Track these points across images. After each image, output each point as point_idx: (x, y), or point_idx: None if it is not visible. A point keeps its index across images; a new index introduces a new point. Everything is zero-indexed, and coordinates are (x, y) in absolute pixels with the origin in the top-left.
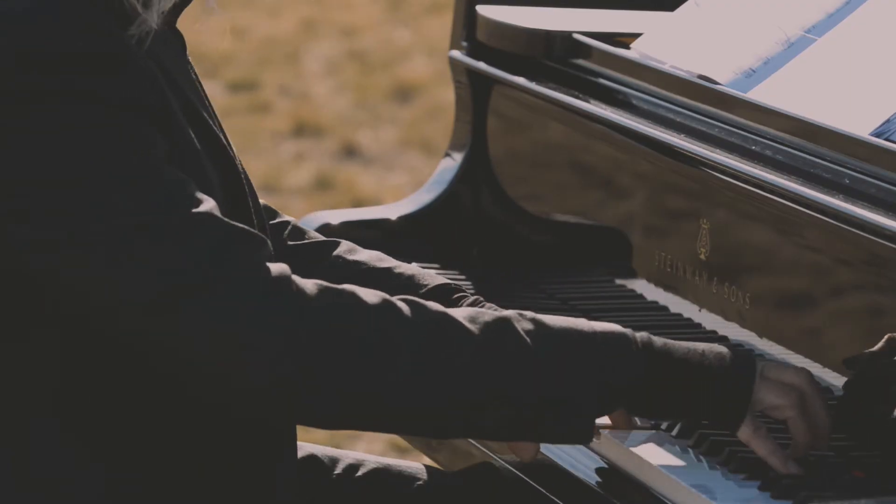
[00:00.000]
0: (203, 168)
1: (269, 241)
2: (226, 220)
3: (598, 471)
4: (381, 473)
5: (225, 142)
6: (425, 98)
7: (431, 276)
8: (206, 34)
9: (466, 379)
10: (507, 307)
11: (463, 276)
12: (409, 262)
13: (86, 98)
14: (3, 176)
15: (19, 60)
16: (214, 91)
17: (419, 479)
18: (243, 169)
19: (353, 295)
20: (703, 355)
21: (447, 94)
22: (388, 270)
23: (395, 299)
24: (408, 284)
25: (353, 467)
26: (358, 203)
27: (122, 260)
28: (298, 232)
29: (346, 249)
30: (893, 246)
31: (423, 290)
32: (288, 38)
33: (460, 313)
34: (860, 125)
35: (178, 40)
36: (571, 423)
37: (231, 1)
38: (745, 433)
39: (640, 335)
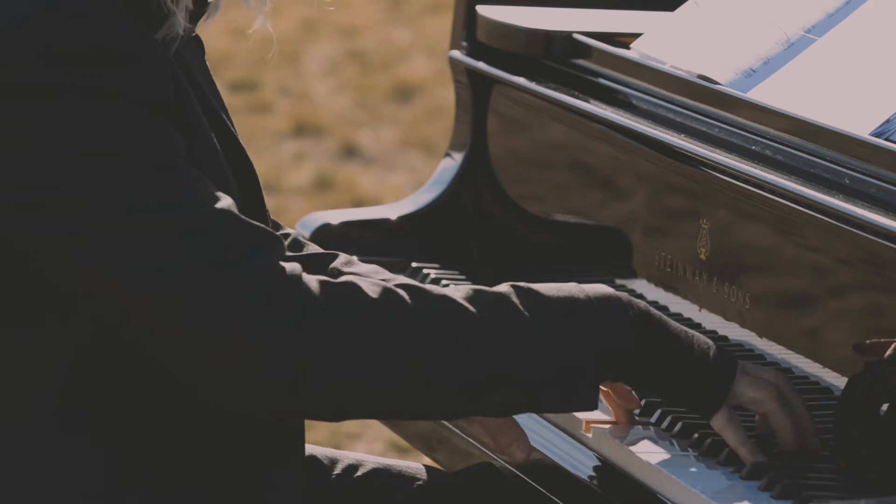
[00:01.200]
0: (222, 169)
1: (282, 240)
2: (243, 217)
3: (598, 471)
4: (381, 474)
5: (239, 140)
6: (425, 98)
7: None
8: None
9: (471, 364)
10: None
11: (463, 276)
12: (410, 262)
13: (107, 92)
14: (25, 166)
15: (42, 52)
16: None
17: (419, 480)
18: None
19: (355, 289)
20: (692, 338)
21: (447, 94)
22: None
23: (395, 287)
24: None
25: (352, 467)
26: (358, 203)
27: (137, 253)
28: (297, 244)
29: (344, 262)
30: (893, 246)
31: None
32: (288, 38)
33: (460, 294)
34: (860, 125)
35: (199, 46)
36: (575, 394)
37: (231, 1)
38: (719, 421)
39: (637, 303)
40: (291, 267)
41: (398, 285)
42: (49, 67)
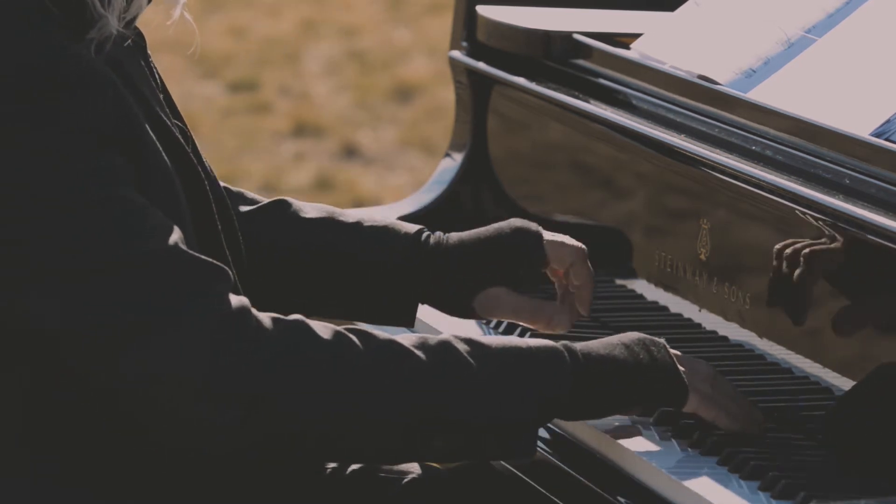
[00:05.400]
0: (173, 188)
1: (229, 272)
2: (187, 252)
3: (597, 470)
4: (378, 472)
5: (186, 146)
6: (425, 98)
7: (399, 227)
8: (206, 34)
9: (415, 406)
10: None
11: None
12: None
13: (43, 121)
14: None
15: None
16: (214, 91)
17: (416, 479)
18: (208, 169)
19: (305, 329)
20: (628, 349)
21: (447, 94)
22: (358, 225)
23: (344, 331)
24: (380, 237)
25: (346, 465)
26: (358, 203)
27: (77, 296)
28: (244, 198)
29: (298, 208)
30: (893, 246)
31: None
32: (288, 38)
33: (406, 340)
34: (860, 125)
35: (139, 44)
36: (516, 441)
37: (231, 1)
38: (693, 403)
39: (566, 345)
40: (238, 302)
41: (347, 329)
42: None
